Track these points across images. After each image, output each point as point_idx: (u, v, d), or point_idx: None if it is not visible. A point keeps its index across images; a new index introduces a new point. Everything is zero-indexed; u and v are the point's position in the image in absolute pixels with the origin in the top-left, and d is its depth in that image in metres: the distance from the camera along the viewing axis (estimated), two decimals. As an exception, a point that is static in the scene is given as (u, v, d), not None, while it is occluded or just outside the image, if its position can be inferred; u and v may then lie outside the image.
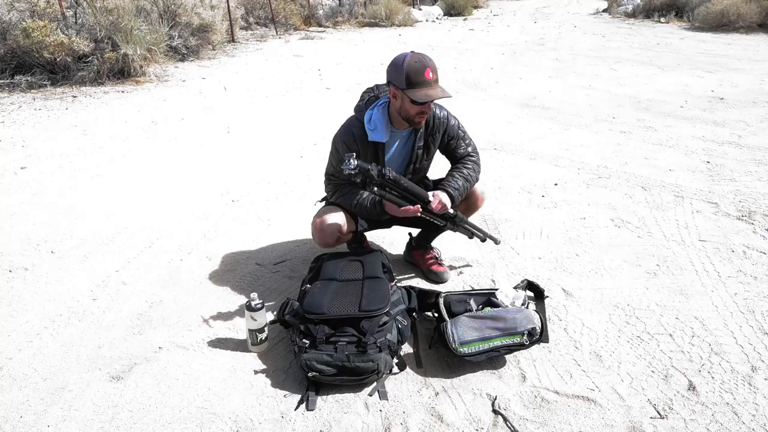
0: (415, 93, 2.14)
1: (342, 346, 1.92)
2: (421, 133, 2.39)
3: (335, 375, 1.89)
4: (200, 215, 3.42)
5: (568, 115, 5.68)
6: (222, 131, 5.25)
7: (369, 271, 2.28)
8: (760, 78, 7.36)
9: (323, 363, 1.89)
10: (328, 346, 1.93)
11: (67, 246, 3.03)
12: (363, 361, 1.89)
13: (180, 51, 8.92)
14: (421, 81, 2.14)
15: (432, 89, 2.16)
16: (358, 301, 2.06)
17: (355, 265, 2.34)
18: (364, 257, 2.41)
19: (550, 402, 1.86)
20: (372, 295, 2.09)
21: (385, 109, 2.32)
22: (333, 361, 1.89)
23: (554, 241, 3.02)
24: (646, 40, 11.51)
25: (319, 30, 13.78)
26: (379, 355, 1.91)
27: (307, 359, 1.90)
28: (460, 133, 2.47)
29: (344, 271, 2.29)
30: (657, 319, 2.30)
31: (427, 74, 2.14)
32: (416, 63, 2.14)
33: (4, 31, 7.07)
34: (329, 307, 2.03)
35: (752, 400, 1.85)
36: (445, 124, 2.42)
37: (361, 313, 2.01)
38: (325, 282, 2.22)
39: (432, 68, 2.17)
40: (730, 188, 3.68)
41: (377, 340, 1.94)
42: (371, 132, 2.29)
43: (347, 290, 2.15)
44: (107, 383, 1.98)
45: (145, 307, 2.46)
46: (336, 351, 1.91)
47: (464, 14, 18.58)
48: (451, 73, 8.19)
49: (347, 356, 1.90)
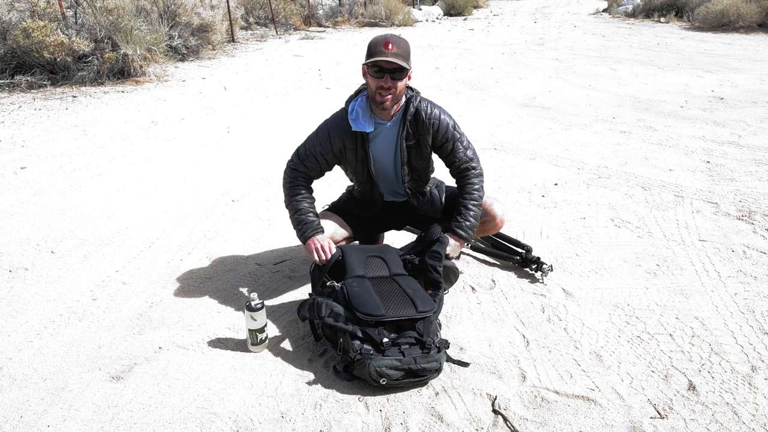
0: (368, 60, 2.14)
1: (407, 349, 1.91)
2: (408, 127, 2.32)
3: (403, 378, 1.88)
4: (200, 215, 3.42)
5: (568, 115, 5.68)
6: (222, 131, 5.25)
7: (393, 267, 2.27)
8: (760, 78, 7.36)
9: (393, 368, 1.87)
10: (394, 349, 1.91)
11: (67, 246, 3.03)
12: (428, 362, 1.90)
13: (180, 51, 8.92)
14: (378, 51, 2.12)
15: (384, 56, 2.11)
16: (410, 301, 2.05)
17: (377, 261, 2.30)
18: (380, 252, 2.36)
19: (550, 402, 1.86)
20: (420, 295, 2.09)
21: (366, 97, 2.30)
22: (402, 366, 1.87)
23: (554, 241, 3.02)
24: (646, 40, 11.51)
25: (319, 30, 13.78)
26: (440, 355, 1.93)
27: (377, 366, 1.86)
28: (456, 134, 2.39)
29: (370, 268, 2.25)
30: (657, 319, 2.30)
31: (386, 45, 2.12)
32: (380, 37, 2.17)
33: (4, 31, 7.07)
34: (386, 308, 2.01)
35: (752, 400, 1.85)
36: (436, 124, 2.34)
37: (419, 314, 2.01)
38: (358, 280, 2.16)
39: (395, 42, 2.13)
40: (730, 188, 3.68)
41: (435, 339, 1.96)
42: (353, 122, 2.26)
43: (386, 289, 2.12)
44: (107, 383, 1.98)
45: (145, 307, 2.46)
46: (404, 355, 1.89)
47: (464, 14, 18.59)
48: (451, 73, 8.19)
49: (414, 359, 1.88)
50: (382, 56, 2.11)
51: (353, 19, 15.19)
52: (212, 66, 8.78)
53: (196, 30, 9.34)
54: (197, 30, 9.36)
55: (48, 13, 7.25)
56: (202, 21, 9.38)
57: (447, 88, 7.13)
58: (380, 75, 2.15)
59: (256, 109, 6.10)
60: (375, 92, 2.20)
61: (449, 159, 2.43)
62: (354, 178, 2.49)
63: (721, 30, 12.34)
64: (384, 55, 2.11)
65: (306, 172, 2.39)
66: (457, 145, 2.40)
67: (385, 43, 2.12)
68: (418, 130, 2.35)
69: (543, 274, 2.60)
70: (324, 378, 1.99)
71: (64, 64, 7.09)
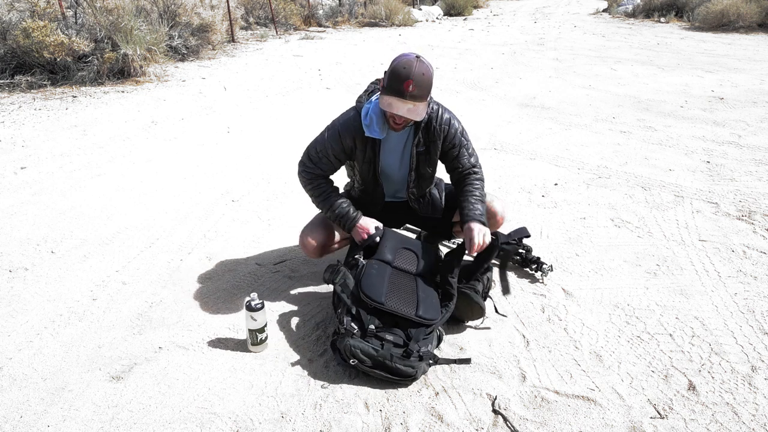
0: (384, 98, 2.08)
1: (389, 345, 1.94)
2: (420, 134, 2.29)
3: (372, 368, 1.93)
4: (200, 215, 3.42)
5: (568, 115, 5.68)
6: (222, 131, 5.25)
7: (423, 267, 2.26)
8: (760, 78, 7.36)
9: (366, 355, 1.92)
10: (375, 340, 1.95)
11: (67, 246, 3.03)
12: (404, 365, 1.92)
13: (180, 51, 8.91)
14: (396, 89, 2.03)
15: (399, 101, 2.03)
16: (415, 303, 2.05)
17: (411, 255, 2.30)
18: (418, 248, 2.34)
19: (550, 402, 1.86)
20: (428, 302, 2.08)
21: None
22: (376, 356, 1.92)
23: (554, 241, 3.02)
24: (646, 39, 11.51)
25: (319, 30, 13.78)
26: (419, 364, 1.93)
27: (352, 346, 1.92)
28: (463, 140, 2.36)
29: (400, 258, 2.25)
30: (657, 319, 2.30)
31: (406, 86, 2.02)
32: (403, 69, 2.03)
33: (4, 31, 7.07)
34: (387, 298, 2.03)
35: (752, 400, 1.85)
36: (446, 129, 2.31)
37: (417, 318, 2.01)
38: (381, 265, 2.18)
39: (416, 82, 2.02)
40: (730, 188, 3.68)
41: (420, 348, 1.95)
42: (367, 128, 2.22)
43: (402, 283, 2.13)
44: (107, 383, 1.98)
45: (145, 307, 2.46)
46: (382, 348, 1.93)
47: (464, 14, 18.59)
48: (451, 73, 8.19)
49: (391, 356, 1.92)
50: (397, 100, 2.04)
51: (353, 19, 15.19)
52: (212, 66, 8.79)
53: (196, 30, 9.34)
54: (197, 30, 9.35)
55: (48, 13, 7.25)
56: (202, 21, 9.38)
57: (447, 88, 7.13)
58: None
59: (256, 109, 6.10)
60: (389, 118, 2.18)
61: (453, 164, 2.40)
62: (359, 176, 2.46)
63: (721, 30, 12.34)
64: (400, 100, 2.04)
65: (322, 174, 2.35)
66: (463, 152, 2.37)
67: (406, 82, 2.01)
68: (429, 137, 2.32)
69: (543, 274, 2.60)
70: (324, 378, 1.99)
71: (64, 64, 7.09)
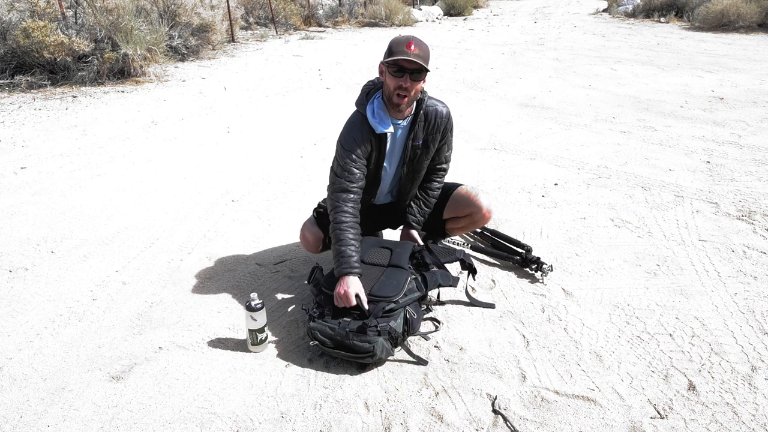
0: (386, 62, 2.15)
1: (345, 323, 2.03)
2: (419, 127, 2.33)
3: (333, 348, 2.03)
4: (200, 215, 3.42)
5: (568, 115, 5.68)
6: (222, 131, 5.25)
7: (395, 259, 2.30)
8: (760, 78, 7.36)
9: (325, 335, 2.03)
10: (333, 321, 2.05)
11: (67, 246, 3.03)
12: (361, 341, 1.99)
13: (180, 51, 8.92)
14: (401, 50, 2.12)
15: (406, 55, 2.11)
16: (371, 285, 2.14)
17: (384, 252, 2.36)
18: (395, 245, 2.40)
19: (550, 402, 1.86)
20: (386, 282, 2.16)
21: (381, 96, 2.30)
22: (334, 335, 2.02)
23: (554, 241, 3.02)
24: (646, 40, 11.51)
25: (319, 30, 13.78)
26: (376, 339, 1.98)
27: (312, 327, 2.06)
28: (449, 135, 2.47)
29: (372, 255, 2.33)
30: (657, 319, 2.30)
31: (408, 46, 2.12)
32: (402, 37, 2.17)
33: (4, 31, 7.07)
34: None
35: (752, 400, 1.85)
36: (444, 122, 2.38)
37: (369, 297, 2.09)
38: None
39: (417, 44, 2.13)
40: (730, 188, 3.68)
41: (378, 324, 2.01)
42: (378, 124, 2.25)
43: (367, 273, 2.20)
44: (107, 383, 1.98)
45: (145, 307, 2.46)
46: (339, 326, 2.02)
47: (464, 14, 18.59)
48: (451, 73, 8.19)
49: (347, 333, 2.00)
50: (404, 55, 2.11)
51: (353, 19, 15.19)
52: (212, 66, 8.79)
53: (196, 30, 9.34)
54: (197, 30, 9.36)
55: (48, 13, 7.25)
56: (202, 21, 9.38)
57: (447, 88, 7.13)
58: (400, 74, 2.14)
59: (256, 109, 6.10)
60: (393, 92, 2.19)
61: (433, 157, 2.48)
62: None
63: (721, 30, 12.35)
64: (406, 55, 2.11)
65: (348, 187, 2.26)
66: (445, 147, 2.47)
67: (407, 43, 2.12)
68: (429, 130, 2.36)
69: (543, 274, 2.60)
70: (324, 378, 2.00)
71: (64, 64, 7.09)
